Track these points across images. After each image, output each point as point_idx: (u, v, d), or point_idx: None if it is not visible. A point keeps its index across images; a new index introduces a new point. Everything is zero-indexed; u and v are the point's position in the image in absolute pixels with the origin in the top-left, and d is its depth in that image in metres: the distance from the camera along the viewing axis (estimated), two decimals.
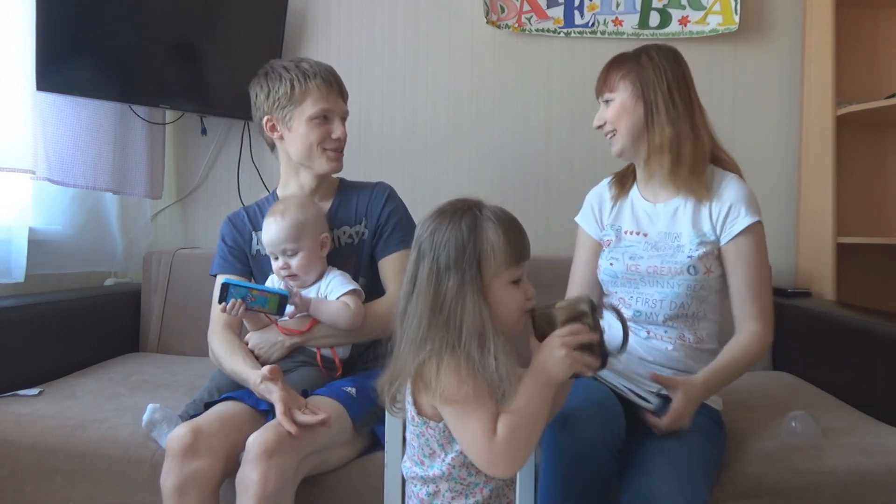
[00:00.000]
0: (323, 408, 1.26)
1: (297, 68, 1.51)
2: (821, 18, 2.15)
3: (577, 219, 1.60)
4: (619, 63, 1.43)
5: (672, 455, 1.16)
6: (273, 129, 1.54)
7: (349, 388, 1.36)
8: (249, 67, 2.23)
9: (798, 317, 1.95)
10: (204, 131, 2.35)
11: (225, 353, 1.43)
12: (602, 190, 1.57)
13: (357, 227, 1.58)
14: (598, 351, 0.96)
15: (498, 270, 0.95)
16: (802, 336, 1.93)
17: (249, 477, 1.13)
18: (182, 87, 2.14)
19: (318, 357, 1.46)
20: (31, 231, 1.84)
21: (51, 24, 1.84)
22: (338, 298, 1.43)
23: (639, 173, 1.49)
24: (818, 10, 2.17)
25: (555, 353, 0.94)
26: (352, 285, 1.45)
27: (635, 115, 1.39)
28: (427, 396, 0.94)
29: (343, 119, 1.55)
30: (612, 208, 1.52)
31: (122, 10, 1.99)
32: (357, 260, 1.56)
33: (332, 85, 1.53)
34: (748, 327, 1.35)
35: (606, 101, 1.43)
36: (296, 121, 1.50)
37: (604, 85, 1.44)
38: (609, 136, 1.44)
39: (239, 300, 1.36)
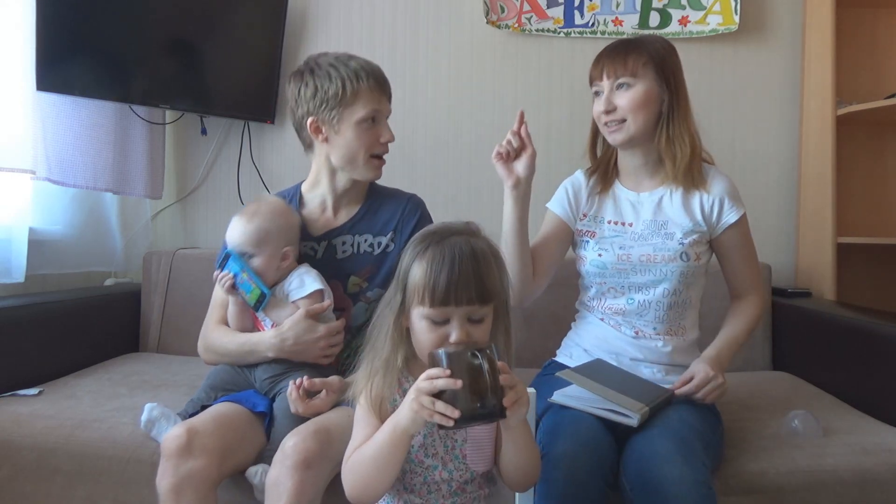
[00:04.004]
0: (337, 416, 1.26)
1: (346, 67, 1.42)
2: (821, 18, 2.15)
3: (548, 205, 1.54)
4: (635, 48, 1.36)
5: (671, 425, 1.17)
6: (317, 130, 1.45)
7: None
8: (249, 67, 2.28)
9: (798, 317, 1.95)
10: (204, 131, 2.35)
11: (224, 335, 1.43)
12: (579, 179, 1.53)
13: (380, 237, 1.53)
14: (461, 401, 0.83)
15: (412, 301, 0.93)
16: (802, 336, 1.93)
17: (285, 483, 1.11)
18: (182, 87, 2.14)
19: None
20: (31, 231, 1.84)
21: (51, 24, 1.85)
22: (294, 302, 1.39)
23: (626, 161, 1.46)
24: (818, 10, 2.16)
25: (407, 399, 0.86)
26: (313, 287, 1.40)
27: (657, 104, 1.36)
28: None
29: (387, 119, 1.50)
30: (591, 199, 1.49)
31: (123, 11, 1.99)
32: (375, 270, 1.51)
33: (384, 86, 1.48)
34: (747, 295, 1.46)
35: (620, 86, 1.36)
36: (344, 123, 1.43)
37: (623, 68, 1.34)
38: (615, 122, 1.37)
39: (231, 275, 1.36)
